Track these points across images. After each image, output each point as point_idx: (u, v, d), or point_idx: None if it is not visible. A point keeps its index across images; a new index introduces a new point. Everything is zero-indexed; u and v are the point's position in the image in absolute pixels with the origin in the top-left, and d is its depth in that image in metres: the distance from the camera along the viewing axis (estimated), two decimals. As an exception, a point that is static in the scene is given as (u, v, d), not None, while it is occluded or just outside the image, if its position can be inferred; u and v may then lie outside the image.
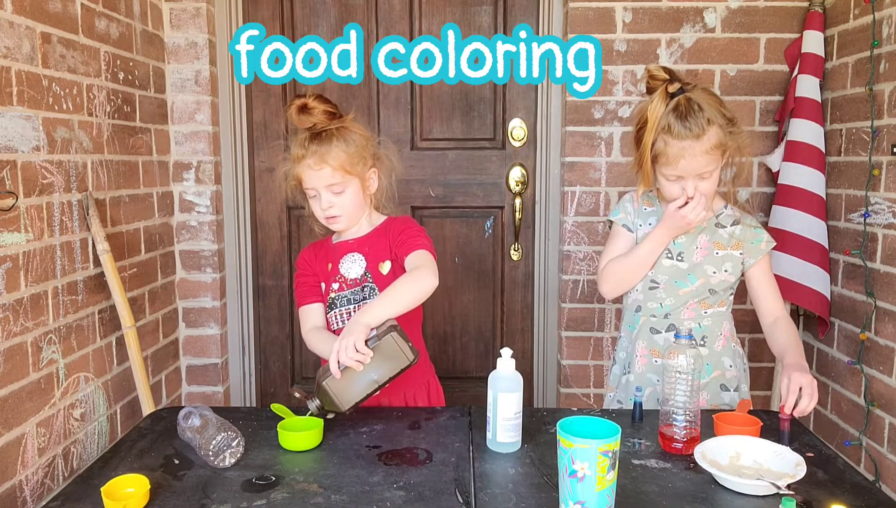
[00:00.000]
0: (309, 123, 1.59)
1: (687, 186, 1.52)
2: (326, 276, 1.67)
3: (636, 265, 1.61)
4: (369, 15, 2.55)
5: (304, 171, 1.60)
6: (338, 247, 1.69)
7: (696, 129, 1.47)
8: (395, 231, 1.64)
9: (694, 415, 1.34)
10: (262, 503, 1.15)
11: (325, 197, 1.60)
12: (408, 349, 1.39)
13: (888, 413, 2.00)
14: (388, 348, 1.38)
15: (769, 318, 1.63)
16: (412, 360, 1.40)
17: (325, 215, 1.62)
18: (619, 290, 1.67)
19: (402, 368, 1.40)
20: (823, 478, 1.24)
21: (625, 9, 2.37)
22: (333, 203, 1.60)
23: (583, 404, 2.52)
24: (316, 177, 1.59)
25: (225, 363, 2.60)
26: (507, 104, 2.58)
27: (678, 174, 1.52)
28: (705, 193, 1.52)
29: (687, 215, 1.51)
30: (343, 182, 1.59)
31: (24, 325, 1.58)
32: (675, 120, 1.48)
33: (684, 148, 1.48)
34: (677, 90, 1.51)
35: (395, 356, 1.39)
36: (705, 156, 1.49)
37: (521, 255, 2.65)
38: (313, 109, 1.59)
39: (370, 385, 1.40)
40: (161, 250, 2.36)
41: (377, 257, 1.64)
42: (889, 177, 2.00)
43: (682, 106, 1.49)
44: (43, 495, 1.65)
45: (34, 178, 1.63)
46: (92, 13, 1.90)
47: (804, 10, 2.34)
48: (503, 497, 1.17)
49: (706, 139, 1.48)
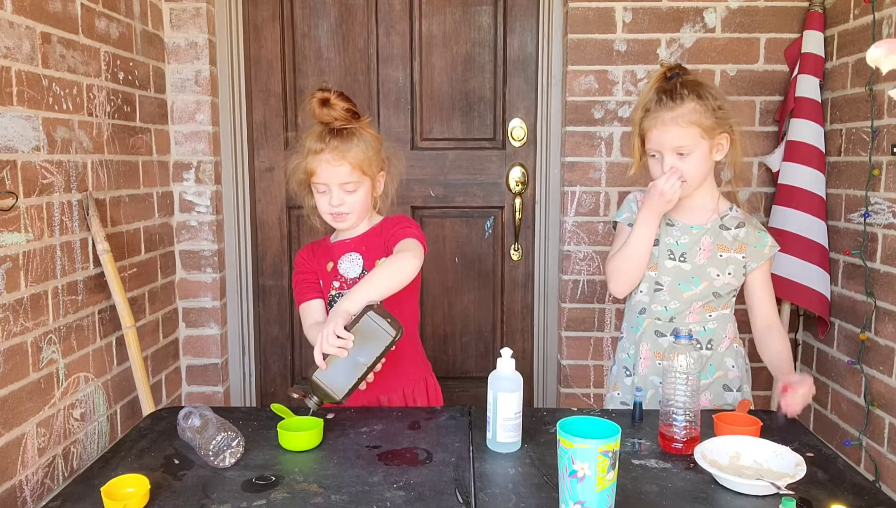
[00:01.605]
0: (329, 117, 1.58)
1: (665, 161, 1.55)
2: (326, 275, 1.67)
3: (632, 254, 1.61)
4: (369, 15, 2.55)
5: (319, 165, 1.58)
6: (336, 246, 1.69)
7: (671, 101, 1.53)
8: (389, 227, 1.65)
9: (694, 415, 1.34)
10: (262, 503, 1.15)
11: (336, 194, 1.59)
12: (387, 325, 1.36)
13: (888, 413, 2.00)
14: (367, 327, 1.36)
15: (762, 323, 1.64)
16: (395, 335, 1.36)
17: (333, 211, 1.61)
18: (628, 284, 1.66)
19: (385, 345, 1.37)
20: (823, 478, 1.24)
21: (625, 9, 2.37)
22: (344, 201, 1.60)
23: (583, 404, 2.52)
24: (332, 173, 1.58)
25: (225, 363, 2.60)
26: (507, 104, 2.58)
27: (653, 148, 1.56)
28: (687, 174, 1.54)
29: (658, 184, 1.54)
30: (357, 182, 1.59)
31: (24, 325, 1.58)
32: (657, 94, 1.55)
33: (657, 118, 1.54)
34: (673, 75, 1.57)
35: (377, 335, 1.36)
36: (677, 129, 1.52)
37: (521, 255, 2.65)
38: (335, 104, 1.58)
39: (359, 369, 1.37)
40: (161, 250, 2.36)
41: (373, 255, 1.64)
42: (889, 177, 2.00)
43: (668, 84, 1.56)
44: (43, 495, 1.65)
45: (34, 178, 1.63)
46: (92, 13, 1.90)
47: (804, 10, 2.34)
48: (503, 497, 1.17)
49: (679, 112, 1.52)
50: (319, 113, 1.59)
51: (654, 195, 1.56)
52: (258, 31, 2.56)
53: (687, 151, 1.54)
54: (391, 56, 2.56)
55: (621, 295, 1.70)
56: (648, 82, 1.60)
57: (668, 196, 1.54)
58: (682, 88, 1.54)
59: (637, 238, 1.60)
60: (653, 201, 1.56)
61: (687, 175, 1.54)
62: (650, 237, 1.60)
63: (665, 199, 1.54)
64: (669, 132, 1.53)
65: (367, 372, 1.39)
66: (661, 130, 1.53)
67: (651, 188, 1.56)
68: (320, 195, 1.62)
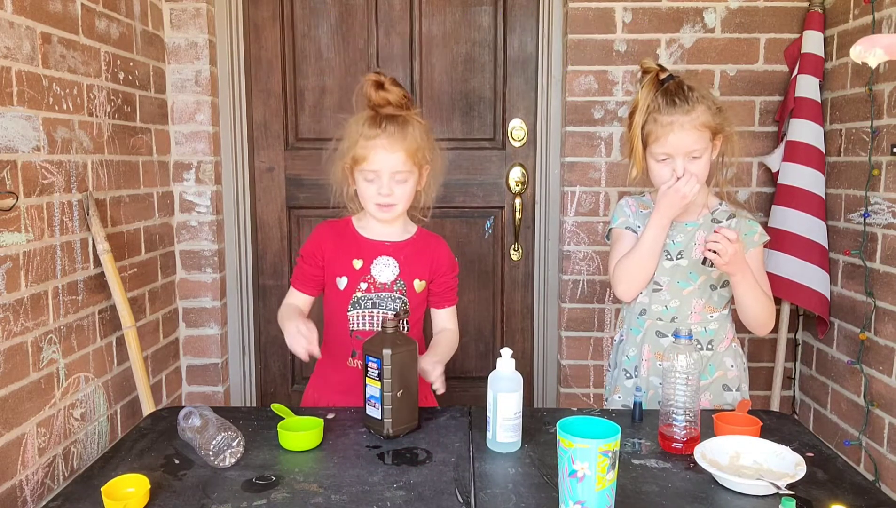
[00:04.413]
0: (384, 101, 1.54)
1: (676, 165, 1.54)
2: (351, 271, 1.61)
3: (644, 256, 1.61)
4: (369, 15, 2.55)
5: (373, 151, 1.52)
6: (369, 244, 1.63)
7: (685, 104, 1.52)
8: (441, 266, 1.66)
9: (694, 415, 1.34)
10: (262, 503, 1.15)
11: (386, 183, 1.54)
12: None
13: (888, 413, 2.00)
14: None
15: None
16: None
17: (382, 201, 1.56)
18: (635, 287, 1.66)
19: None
20: (823, 478, 1.24)
21: (625, 9, 2.37)
22: (394, 191, 1.55)
23: (583, 404, 2.52)
24: (386, 160, 1.52)
25: (225, 363, 2.60)
26: (507, 104, 2.58)
27: (667, 152, 1.54)
28: (697, 175, 1.54)
29: (681, 188, 1.53)
30: (409, 171, 1.55)
31: (24, 325, 1.58)
32: (663, 98, 1.54)
33: (673, 122, 1.52)
34: (667, 77, 1.56)
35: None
36: (694, 132, 1.52)
37: (521, 255, 2.65)
38: (391, 89, 1.54)
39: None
40: (161, 250, 2.36)
41: (413, 271, 1.62)
42: (889, 177, 2.00)
43: (672, 87, 1.55)
44: (43, 495, 1.65)
45: (34, 178, 1.63)
46: (92, 13, 1.90)
47: (804, 11, 2.34)
48: (503, 497, 1.17)
49: (695, 115, 1.52)
50: (375, 95, 1.53)
51: (673, 198, 1.54)
52: (258, 31, 2.56)
53: (699, 154, 1.54)
54: (391, 56, 2.56)
55: (629, 298, 1.69)
56: (643, 87, 1.58)
57: (690, 198, 1.55)
58: (690, 90, 1.53)
59: (650, 241, 1.60)
60: (670, 204, 1.55)
61: (698, 176, 1.55)
62: (662, 239, 1.60)
63: (686, 201, 1.54)
64: (688, 136, 1.52)
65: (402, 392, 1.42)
66: (678, 134, 1.52)
67: (668, 192, 1.55)
68: (367, 183, 1.55)
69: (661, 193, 1.56)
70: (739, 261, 1.49)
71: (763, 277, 1.64)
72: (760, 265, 1.65)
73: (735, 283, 1.54)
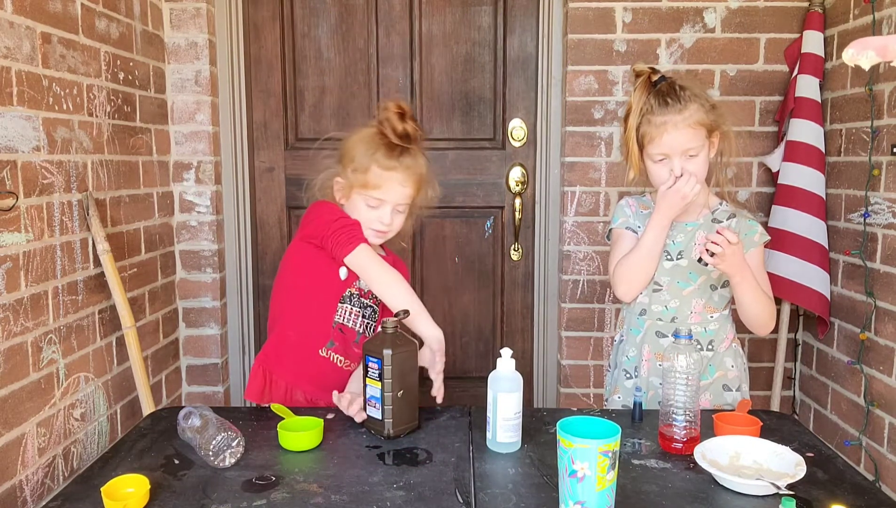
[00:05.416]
0: (403, 130, 1.54)
1: (674, 165, 1.55)
2: (336, 281, 1.64)
3: (644, 257, 1.61)
4: (369, 15, 2.55)
5: (388, 183, 1.54)
6: None
7: (678, 104, 1.53)
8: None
9: (694, 415, 1.34)
10: (262, 503, 1.15)
11: (388, 213, 1.57)
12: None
13: (888, 413, 2.00)
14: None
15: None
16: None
17: (380, 228, 1.58)
18: (636, 288, 1.66)
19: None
20: (823, 478, 1.24)
21: (625, 9, 2.37)
22: (394, 222, 1.59)
23: (583, 404, 2.52)
24: (397, 193, 1.55)
25: (225, 363, 2.60)
26: (507, 104, 2.58)
27: (663, 152, 1.55)
28: (696, 174, 1.54)
29: (681, 188, 1.53)
30: (409, 204, 1.59)
31: (24, 325, 1.58)
32: (656, 99, 1.55)
33: (666, 122, 1.53)
34: (659, 78, 1.57)
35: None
36: (688, 130, 1.52)
37: (521, 255, 2.65)
38: (409, 122, 1.55)
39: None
40: (161, 250, 2.36)
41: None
42: (889, 177, 2.00)
43: (664, 88, 1.56)
44: (43, 495, 1.65)
45: (34, 178, 1.63)
46: (92, 13, 1.90)
47: (804, 11, 2.34)
48: (503, 497, 1.17)
49: (688, 113, 1.53)
50: (397, 123, 1.53)
51: (673, 199, 1.55)
52: (258, 31, 2.56)
53: (695, 152, 1.54)
54: (391, 56, 2.56)
55: (629, 299, 1.69)
56: (635, 89, 1.59)
57: (690, 198, 1.55)
58: (682, 90, 1.54)
59: (650, 242, 1.60)
60: (670, 204, 1.56)
61: (695, 175, 1.55)
62: (663, 240, 1.61)
63: (686, 201, 1.55)
64: (682, 135, 1.53)
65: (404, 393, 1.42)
66: (672, 133, 1.53)
67: (667, 193, 1.55)
68: (369, 208, 1.57)
69: (661, 193, 1.57)
70: (739, 262, 1.49)
71: (763, 277, 1.64)
72: (761, 265, 1.65)
73: (735, 284, 1.54)
